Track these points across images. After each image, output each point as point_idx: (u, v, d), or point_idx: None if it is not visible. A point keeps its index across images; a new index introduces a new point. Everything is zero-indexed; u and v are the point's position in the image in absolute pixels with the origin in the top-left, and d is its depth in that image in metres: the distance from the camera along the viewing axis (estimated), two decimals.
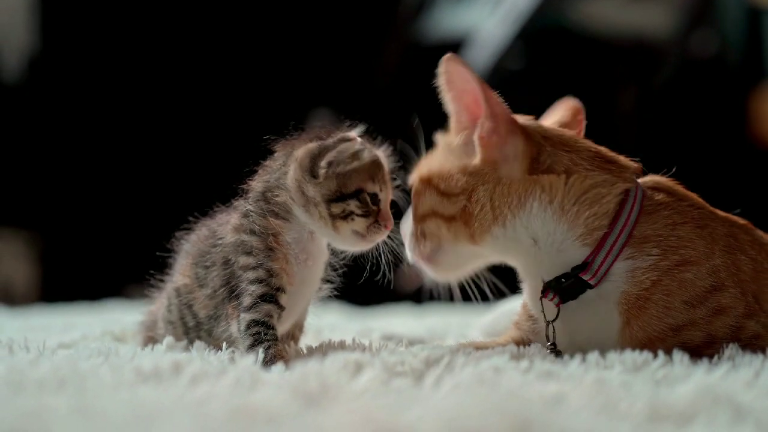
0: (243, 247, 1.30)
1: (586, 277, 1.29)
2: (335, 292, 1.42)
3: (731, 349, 1.25)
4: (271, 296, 1.27)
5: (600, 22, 3.83)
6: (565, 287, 1.31)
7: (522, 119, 1.38)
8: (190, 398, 0.98)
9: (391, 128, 1.38)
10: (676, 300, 1.28)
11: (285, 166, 1.31)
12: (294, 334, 1.43)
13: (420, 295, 1.60)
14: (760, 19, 4.18)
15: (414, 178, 1.42)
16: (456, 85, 1.34)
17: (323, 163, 1.27)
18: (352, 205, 1.27)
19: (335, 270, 1.40)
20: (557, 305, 1.33)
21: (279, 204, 1.31)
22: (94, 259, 4.18)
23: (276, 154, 1.34)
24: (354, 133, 1.31)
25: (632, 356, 1.19)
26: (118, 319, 2.13)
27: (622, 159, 1.38)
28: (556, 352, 1.31)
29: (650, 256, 1.28)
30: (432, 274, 1.42)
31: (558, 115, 1.50)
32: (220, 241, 1.34)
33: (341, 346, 1.37)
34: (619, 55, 3.93)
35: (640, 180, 1.38)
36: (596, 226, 1.30)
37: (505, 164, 1.33)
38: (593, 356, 1.20)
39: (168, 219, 1.51)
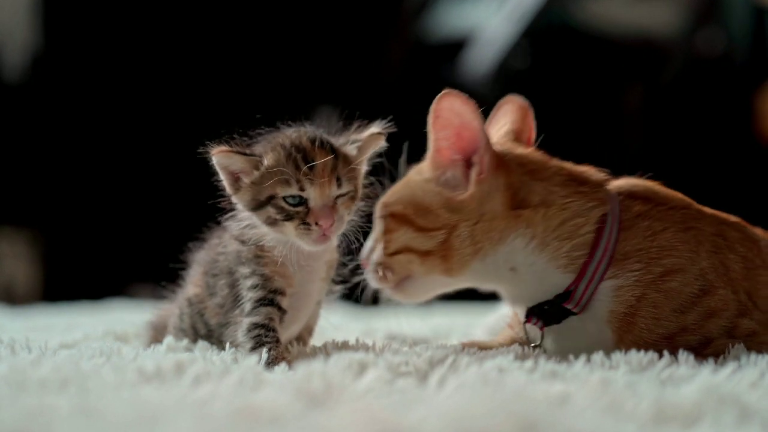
0: (239, 257, 1.31)
1: (569, 306, 1.29)
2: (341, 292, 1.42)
3: (737, 350, 1.25)
4: (270, 299, 1.27)
5: (606, 21, 3.83)
6: (548, 313, 1.32)
7: (497, 144, 1.37)
8: (193, 398, 0.98)
9: (396, 126, 1.37)
10: (664, 310, 1.27)
11: None
12: (302, 337, 1.43)
13: None
14: (766, 18, 4.18)
15: (382, 213, 1.38)
16: (452, 121, 1.30)
17: (222, 178, 1.29)
18: (271, 212, 1.26)
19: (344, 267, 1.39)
20: (541, 329, 1.34)
21: None
22: (96, 259, 4.18)
23: None
24: (221, 147, 1.27)
25: (637, 356, 1.18)
26: (120, 318, 2.14)
27: (594, 176, 1.37)
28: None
29: (633, 273, 1.27)
30: (397, 298, 1.40)
31: (508, 119, 1.45)
32: (224, 250, 1.35)
33: (345, 346, 1.36)
34: (625, 54, 3.93)
35: (616, 185, 1.37)
36: (577, 255, 1.29)
37: (489, 200, 1.31)
38: (598, 356, 1.20)
39: (170, 218, 1.52)
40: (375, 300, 1.43)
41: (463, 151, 1.32)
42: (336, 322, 1.57)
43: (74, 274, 4.14)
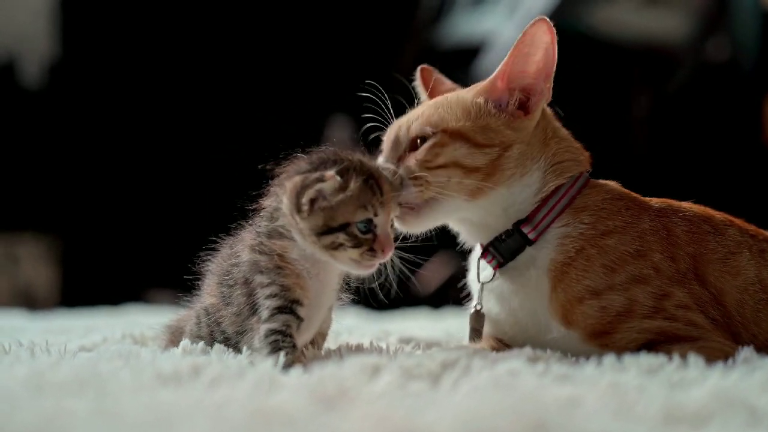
0: (256, 266, 1.32)
1: (526, 230, 1.39)
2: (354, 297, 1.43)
3: (746, 352, 1.25)
4: (288, 308, 1.28)
5: (615, 27, 3.83)
6: (504, 244, 1.40)
7: None
8: (209, 401, 0.99)
9: None
10: (595, 264, 1.34)
11: (282, 194, 1.32)
12: (316, 341, 1.44)
13: (437, 299, 1.61)
14: None
15: (428, 130, 1.42)
16: (537, 47, 1.41)
17: (304, 200, 1.27)
18: (341, 238, 1.27)
19: (348, 283, 1.41)
20: (495, 268, 1.42)
21: (283, 225, 1.32)
22: (114, 264, 4.20)
23: (278, 178, 1.34)
24: (331, 172, 1.26)
25: (647, 359, 1.19)
26: (138, 322, 2.14)
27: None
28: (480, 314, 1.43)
29: (582, 224, 1.37)
30: (405, 224, 1.43)
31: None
32: (238, 260, 1.36)
33: (359, 349, 1.37)
34: (634, 60, 3.93)
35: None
36: (549, 191, 1.41)
37: (536, 127, 1.44)
38: (609, 359, 1.21)
39: (188, 224, 1.52)
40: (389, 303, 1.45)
41: (529, 78, 1.43)
42: (350, 325, 1.57)
43: (93, 280, 4.16)
